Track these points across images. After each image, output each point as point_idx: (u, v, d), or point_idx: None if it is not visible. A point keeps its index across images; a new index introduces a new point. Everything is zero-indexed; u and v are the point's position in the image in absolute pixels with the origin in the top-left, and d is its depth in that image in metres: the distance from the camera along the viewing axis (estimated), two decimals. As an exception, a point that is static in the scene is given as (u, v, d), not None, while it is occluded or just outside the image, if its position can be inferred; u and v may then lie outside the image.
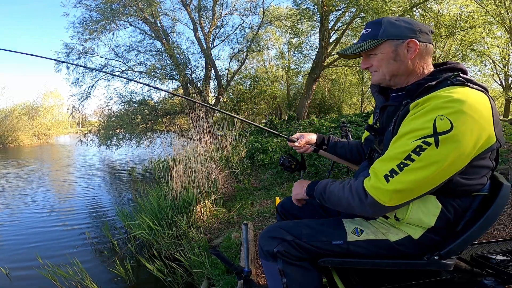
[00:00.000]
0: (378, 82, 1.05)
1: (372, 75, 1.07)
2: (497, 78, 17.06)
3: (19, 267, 3.26)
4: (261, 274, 2.14)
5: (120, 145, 11.28)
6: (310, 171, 4.81)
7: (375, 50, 0.99)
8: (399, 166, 0.82)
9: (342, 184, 0.96)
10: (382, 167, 0.85)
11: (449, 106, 0.79)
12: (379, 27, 0.98)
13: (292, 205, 1.34)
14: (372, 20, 1.04)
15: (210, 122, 6.80)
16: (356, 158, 1.38)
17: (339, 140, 1.42)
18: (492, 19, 10.50)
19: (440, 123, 0.78)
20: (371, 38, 0.99)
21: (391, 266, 0.97)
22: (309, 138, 1.38)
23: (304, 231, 1.04)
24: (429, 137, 0.79)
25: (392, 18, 1.00)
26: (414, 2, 9.52)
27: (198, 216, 3.59)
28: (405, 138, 0.83)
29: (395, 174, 0.82)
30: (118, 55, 11.03)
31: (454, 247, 0.90)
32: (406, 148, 0.82)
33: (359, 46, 1.00)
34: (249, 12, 12.31)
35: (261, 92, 13.48)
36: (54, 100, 31.31)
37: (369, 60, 1.03)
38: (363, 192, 0.87)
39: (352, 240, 1.00)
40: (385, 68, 1.00)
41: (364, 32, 1.03)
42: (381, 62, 1.00)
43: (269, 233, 1.08)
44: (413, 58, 0.96)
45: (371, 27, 1.01)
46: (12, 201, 5.98)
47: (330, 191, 0.98)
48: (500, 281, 0.95)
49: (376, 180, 0.84)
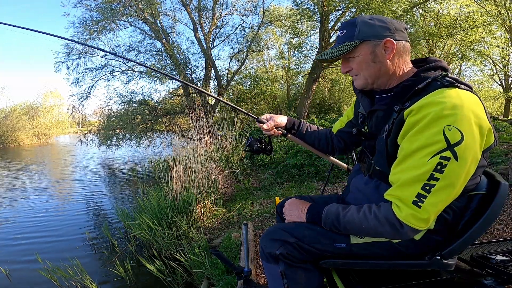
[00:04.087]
0: (362, 86, 1.01)
1: (353, 79, 1.02)
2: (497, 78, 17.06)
3: (19, 267, 3.26)
4: (261, 274, 2.14)
5: (120, 145, 11.27)
6: (310, 171, 4.81)
7: (353, 53, 0.95)
8: (424, 189, 0.78)
9: (361, 213, 0.90)
10: (405, 193, 0.81)
11: (452, 114, 0.77)
12: (353, 28, 0.94)
13: None
14: (346, 21, 0.99)
15: (210, 122, 6.80)
16: (324, 147, 1.38)
17: (309, 126, 1.41)
18: (492, 19, 10.50)
19: (450, 134, 0.76)
20: (347, 41, 0.94)
21: (392, 267, 0.97)
22: (278, 121, 1.36)
23: (306, 233, 1.02)
24: (445, 151, 0.76)
25: (366, 17, 0.95)
26: (414, 2, 9.52)
27: (198, 216, 3.59)
28: (419, 157, 0.79)
29: (423, 198, 0.78)
30: (118, 55, 11.03)
31: (455, 247, 0.90)
32: (426, 168, 0.78)
33: (336, 50, 0.96)
34: (249, 12, 12.32)
35: (261, 92, 13.47)
36: (54, 100, 31.32)
37: (348, 64, 0.99)
38: (397, 222, 0.83)
39: (355, 242, 0.99)
40: (365, 71, 0.96)
41: (340, 34, 0.98)
42: (360, 65, 0.96)
43: (270, 235, 1.06)
44: (391, 58, 0.93)
45: (346, 28, 0.96)
46: (12, 201, 5.98)
47: (347, 221, 0.92)
48: (500, 281, 0.96)
49: (408, 209, 0.80)
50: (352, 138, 1.31)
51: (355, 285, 0.98)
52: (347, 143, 1.35)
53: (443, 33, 10.55)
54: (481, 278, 0.99)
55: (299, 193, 4.13)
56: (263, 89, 13.64)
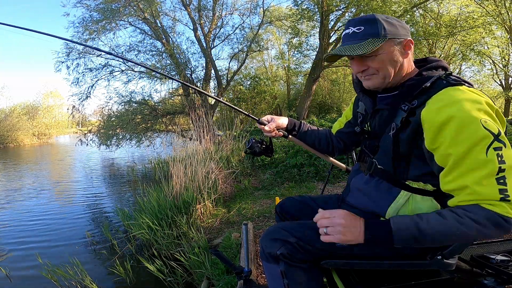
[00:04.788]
0: (376, 86, 0.98)
1: (365, 78, 0.98)
2: (497, 78, 17.05)
3: (19, 267, 3.26)
4: (261, 274, 2.14)
5: (120, 145, 11.27)
6: (310, 171, 4.81)
7: (377, 51, 0.91)
8: (499, 182, 0.77)
9: (453, 219, 0.80)
10: (488, 191, 0.78)
11: (478, 108, 0.79)
12: (374, 25, 0.91)
13: (291, 206, 1.32)
14: (359, 17, 0.96)
15: (210, 122, 6.80)
16: (324, 148, 1.38)
17: (309, 127, 1.41)
18: (492, 19, 10.49)
19: (489, 125, 0.77)
20: (371, 37, 0.90)
21: (394, 267, 0.97)
22: (279, 123, 1.35)
23: (307, 233, 1.01)
24: (494, 142, 0.77)
25: (382, 15, 0.94)
26: (414, 2, 9.52)
27: (198, 216, 3.59)
28: (475, 156, 0.78)
29: (505, 191, 0.77)
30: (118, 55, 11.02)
31: (456, 246, 0.90)
32: (491, 164, 0.77)
33: (361, 47, 0.90)
34: (249, 12, 12.32)
35: (261, 92, 13.47)
36: (54, 100, 31.34)
37: (365, 62, 0.94)
38: (501, 220, 0.78)
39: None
40: (385, 71, 0.94)
41: (356, 30, 0.93)
42: (382, 64, 0.93)
43: (271, 235, 1.05)
44: (407, 58, 0.95)
45: (363, 25, 0.92)
46: (12, 201, 5.98)
47: (437, 231, 0.81)
48: (500, 281, 0.96)
49: (503, 206, 0.78)
50: (351, 138, 1.32)
51: (355, 285, 0.98)
52: (346, 144, 1.35)
53: (443, 33, 10.55)
54: (481, 278, 1.00)
55: (299, 193, 4.13)
56: (263, 89, 13.64)
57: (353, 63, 0.97)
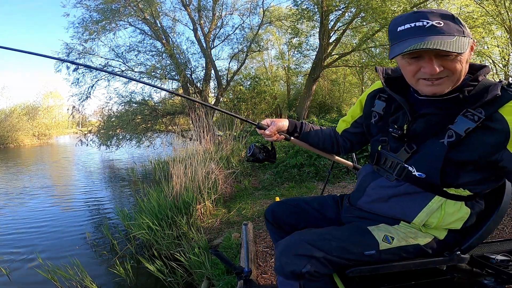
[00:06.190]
0: (444, 92, 0.86)
1: (436, 83, 0.84)
2: (497, 78, 17.06)
3: (19, 267, 3.26)
4: (261, 274, 2.14)
5: (120, 145, 11.27)
6: (310, 171, 4.81)
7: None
8: None
9: None
10: None
11: None
12: (457, 21, 0.81)
13: (284, 212, 1.23)
14: (436, 9, 0.83)
15: (210, 122, 6.80)
16: (328, 147, 1.32)
17: (312, 127, 1.33)
18: (492, 19, 10.50)
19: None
20: (458, 35, 0.79)
21: (418, 266, 0.96)
22: (280, 125, 1.26)
23: (333, 244, 0.93)
24: None
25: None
26: (414, 2, 9.52)
27: (198, 216, 3.59)
28: None
29: None
30: (118, 55, 11.04)
31: (473, 242, 0.94)
32: None
33: (454, 44, 0.76)
34: (249, 12, 12.33)
35: (261, 92, 13.45)
36: (54, 100, 31.37)
37: (445, 62, 0.81)
38: None
39: (384, 248, 0.93)
40: (459, 75, 0.84)
41: (435, 23, 0.79)
42: (458, 66, 0.82)
43: (294, 250, 0.93)
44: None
45: (444, 20, 0.80)
46: (13, 202, 5.98)
47: None
48: (500, 281, 0.96)
49: None
50: (358, 138, 1.26)
51: (355, 285, 0.98)
52: (353, 143, 1.30)
53: (443, 33, 10.54)
54: (481, 278, 1.00)
55: (299, 193, 4.13)
56: (263, 89, 13.63)
57: (429, 62, 0.81)
